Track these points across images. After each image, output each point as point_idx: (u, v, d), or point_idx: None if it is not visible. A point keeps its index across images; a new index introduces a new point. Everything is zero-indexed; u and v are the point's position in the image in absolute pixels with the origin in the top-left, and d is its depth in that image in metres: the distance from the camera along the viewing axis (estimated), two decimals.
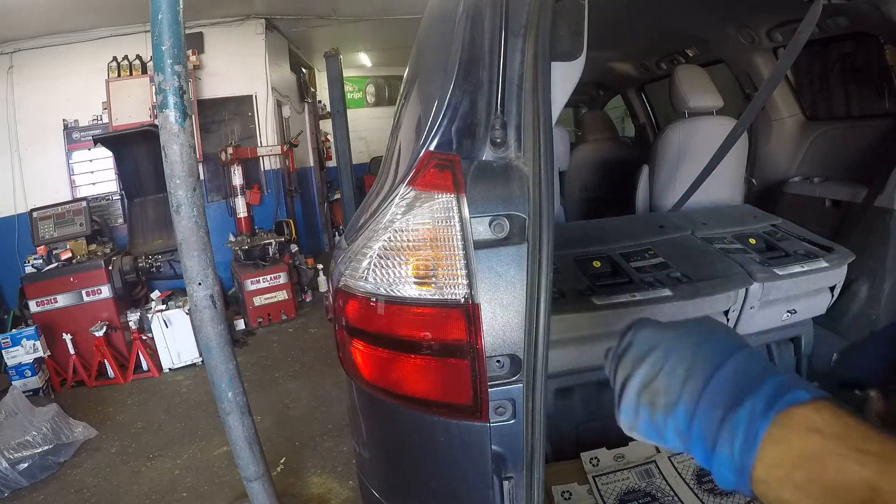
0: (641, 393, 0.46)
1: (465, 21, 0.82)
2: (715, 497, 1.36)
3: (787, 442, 0.36)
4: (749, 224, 1.84)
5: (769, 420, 0.37)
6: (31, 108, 4.97)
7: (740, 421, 0.38)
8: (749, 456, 0.37)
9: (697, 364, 0.43)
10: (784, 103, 2.28)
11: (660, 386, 0.45)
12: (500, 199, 0.76)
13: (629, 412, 0.48)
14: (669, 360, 0.45)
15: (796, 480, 0.35)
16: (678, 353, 0.45)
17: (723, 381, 0.41)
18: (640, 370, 0.47)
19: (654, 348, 0.47)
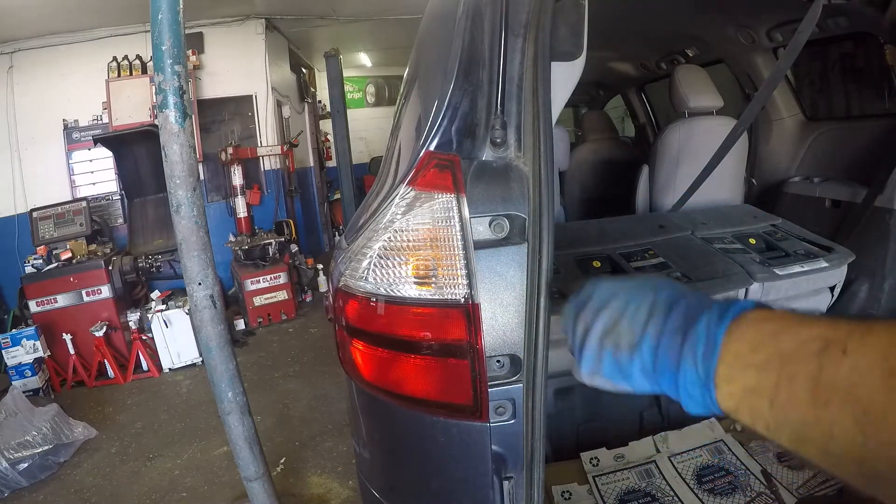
0: (604, 338, 0.50)
1: (465, 21, 0.82)
2: (715, 497, 1.36)
3: (743, 336, 0.39)
4: (749, 224, 1.84)
5: (725, 325, 0.41)
6: (31, 108, 4.97)
7: (700, 333, 0.42)
8: (711, 361, 0.40)
9: (657, 305, 0.48)
10: (784, 103, 2.28)
11: (624, 329, 0.49)
12: (500, 199, 0.76)
13: (591, 358, 0.52)
14: (631, 306, 0.49)
15: (755, 362, 0.38)
16: (638, 298, 0.49)
17: (680, 314, 0.45)
18: (602, 318, 0.51)
19: (613, 297, 0.52)
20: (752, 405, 0.38)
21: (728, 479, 1.40)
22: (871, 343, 0.32)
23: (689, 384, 0.42)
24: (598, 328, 0.51)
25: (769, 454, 1.47)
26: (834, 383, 0.33)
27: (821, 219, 1.95)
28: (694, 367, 0.42)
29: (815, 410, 0.34)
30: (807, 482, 1.36)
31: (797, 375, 0.35)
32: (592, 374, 0.53)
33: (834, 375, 0.33)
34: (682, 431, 1.55)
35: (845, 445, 0.32)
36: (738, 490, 1.36)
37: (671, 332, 0.45)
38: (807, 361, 0.35)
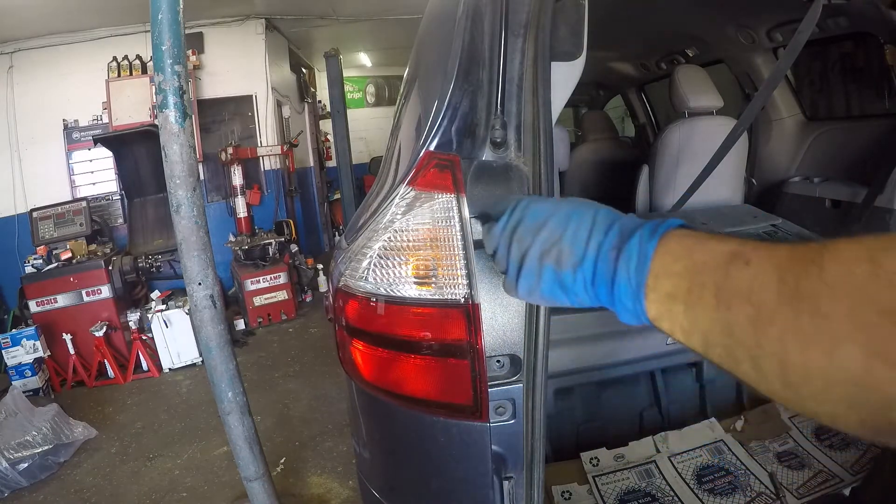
0: (544, 257, 0.53)
1: (465, 21, 0.82)
2: (715, 497, 1.36)
3: (667, 249, 0.44)
4: (749, 224, 1.84)
5: (656, 240, 0.45)
6: (31, 108, 4.97)
7: (633, 247, 0.46)
8: (642, 272, 0.45)
9: (597, 225, 0.51)
10: (784, 103, 2.28)
11: (566, 247, 0.51)
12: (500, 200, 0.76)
13: (531, 275, 0.54)
14: (571, 225, 0.52)
15: (676, 271, 0.43)
16: (578, 217, 0.52)
17: (616, 232, 0.49)
18: (541, 237, 0.54)
19: (551, 217, 0.54)
20: (670, 310, 0.43)
21: (728, 479, 1.40)
22: (770, 256, 0.37)
23: (622, 295, 0.47)
24: (537, 248, 0.54)
25: (769, 454, 1.47)
26: (735, 288, 0.38)
27: (821, 219, 1.95)
28: (627, 279, 0.46)
29: (719, 313, 0.39)
30: (807, 482, 1.36)
31: (707, 282, 0.40)
32: (531, 291, 0.56)
33: (736, 282, 0.38)
34: (682, 431, 1.55)
35: (742, 343, 0.37)
36: (738, 490, 1.36)
37: (609, 248, 0.48)
38: (715, 270, 0.40)
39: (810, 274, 0.34)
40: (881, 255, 0.31)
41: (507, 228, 0.58)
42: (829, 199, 1.98)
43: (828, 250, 0.34)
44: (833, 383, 0.32)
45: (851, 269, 0.32)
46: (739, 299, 0.37)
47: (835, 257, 0.33)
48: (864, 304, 0.31)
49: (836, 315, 0.32)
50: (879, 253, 0.32)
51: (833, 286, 0.32)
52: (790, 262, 0.35)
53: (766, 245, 0.39)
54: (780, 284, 0.35)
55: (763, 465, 1.42)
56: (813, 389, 0.33)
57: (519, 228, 0.57)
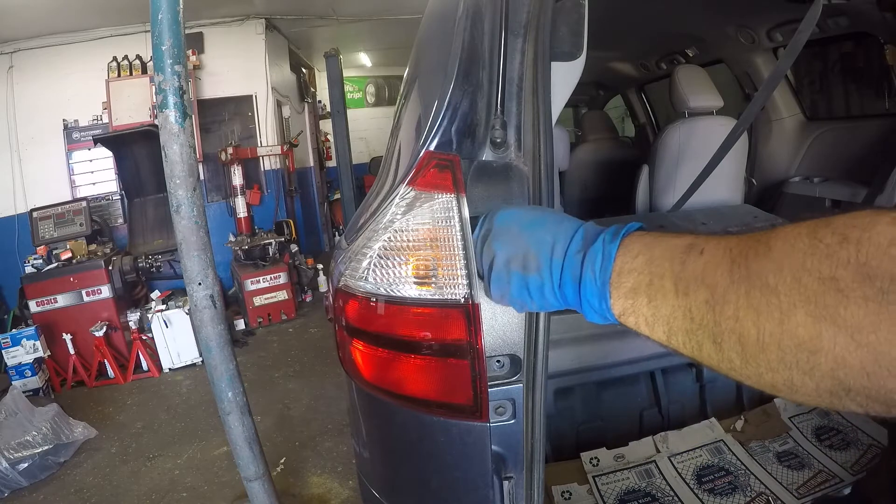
0: (510, 263, 0.56)
1: (465, 21, 0.82)
2: (715, 497, 1.36)
3: (630, 250, 0.47)
4: (749, 224, 1.84)
5: (618, 241, 0.48)
6: (31, 108, 4.97)
7: (597, 249, 0.49)
8: (607, 270, 0.47)
9: (560, 233, 0.53)
10: (784, 103, 2.29)
11: (532, 254, 0.54)
12: (500, 199, 0.76)
13: (500, 280, 0.57)
14: (535, 233, 0.55)
15: (636, 267, 0.46)
16: (541, 226, 0.55)
17: (581, 237, 0.52)
18: (506, 244, 0.57)
19: (516, 224, 0.58)
20: (633, 304, 0.46)
21: (728, 479, 1.40)
22: (723, 244, 0.41)
23: (589, 294, 0.49)
24: (503, 254, 0.57)
25: (769, 454, 1.47)
26: (692, 275, 0.41)
27: None
28: (593, 279, 0.48)
29: (678, 300, 0.42)
30: (807, 482, 1.36)
31: (665, 273, 0.43)
32: (502, 296, 0.59)
33: (692, 269, 0.41)
34: (681, 431, 1.55)
35: (702, 325, 0.40)
36: (738, 490, 1.36)
37: (575, 251, 0.51)
38: (672, 261, 0.43)
39: (758, 253, 0.37)
40: (820, 229, 0.35)
41: (479, 237, 0.63)
42: (829, 199, 1.98)
43: (774, 231, 0.38)
44: (786, 350, 0.35)
45: (794, 243, 0.35)
46: (696, 284, 0.40)
47: (779, 235, 0.37)
48: (807, 273, 0.34)
49: (783, 286, 0.35)
50: (818, 228, 0.35)
51: (779, 261, 0.36)
52: (740, 245, 0.39)
53: (721, 235, 0.42)
54: (732, 266, 0.38)
55: (763, 465, 1.42)
56: (769, 359, 0.36)
57: (489, 236, 0.60)
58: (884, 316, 0.31)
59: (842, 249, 0.33)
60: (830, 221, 0.35)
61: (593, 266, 0.49)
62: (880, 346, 0.31)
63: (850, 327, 0.32)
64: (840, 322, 0.32)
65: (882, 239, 0.32)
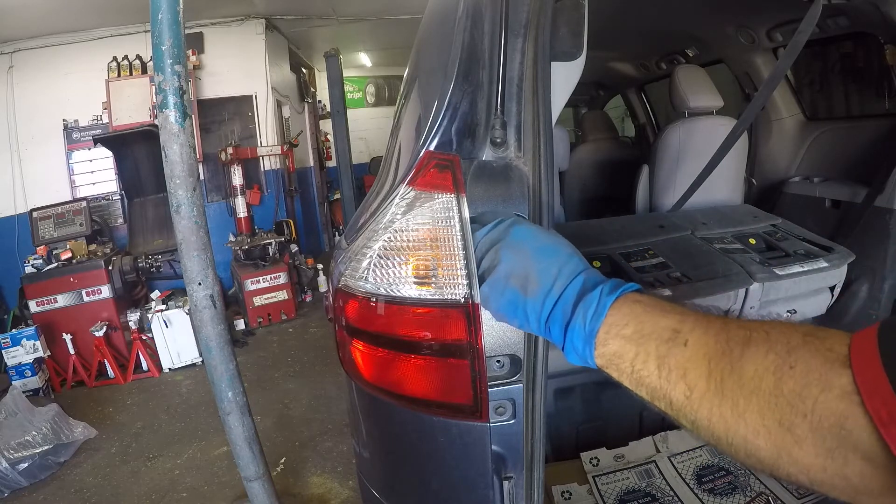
0: (511, 278, 0.58)
1: (465, 21, 0.82)
2: (715, 497, 1.36)
3: (621, 311, 0.50)
4: (749, 224, 1.84)
5: (613, 298, 0.51)
6: (31, 108, 4.97)
7: (594, 298, 0.52)
8: (597, 322, 0.51)
9: (566, 267, 0.56)
10: (784, 103, 2.28)
11: (534, 277, 0.56)
12: (500, 199, 0.76)
13: (496, 289, 0.60)
14: (544, 260, 0.57)
15: (625, 333, 0.49)
16: (552, 256, 0.57)
17: (581, 281, 0.55)
18: (513, 261, 0.59)
19: (529, 243, 0.59)
20: (618, 366, 0.50)
21: (728, 478, 1.40)
22: (703, 342, 0.45)
23: (574, 337, 0.52)
24: (505, 268, 0.59)
25: None
26: (674, 365, 0.46)
27: (821, 219, 1.95)
28: (582, 325, 0.51)
29: (660, 381, 0.47)
30: None
31: (651, 353, 0.47)
32: (487, 301, 0.63)
33: (675, 360, 0.46)
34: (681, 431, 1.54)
35: (680, 410, 0.46)
36: (738, 490, 1.36)
37: (572, 293, 0.53)
38: (658, 343, 0.47)
39: (733, 372, 0.42)
40: (785, 374, 0.39)
41: (486, 237, 0.64)
42: (829, 199, 1.98)
43: (747, 353, 0.42)
44: (753, 460, 0.42)
45: (761, 380, 0.40)
46: (676, 376, 0.45)
47: (752, 362, 0.41)
48: (770, 413, 0.40)
49: (750, 415, 0.41)
50: (784, 371, 0.39)
51: (748, 392, 0.41)
52: (717, 355, 0.44)
53: (702, 325, 0.46)
54: (709, 374, 0.43)
55: None
56: (738, 457, 0.43)
57: (499, 243, 0.62)
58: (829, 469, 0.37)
59: (801, 403, 0.38)
60: (795, 362, 0.39)
61: (585, 313, 0.51)
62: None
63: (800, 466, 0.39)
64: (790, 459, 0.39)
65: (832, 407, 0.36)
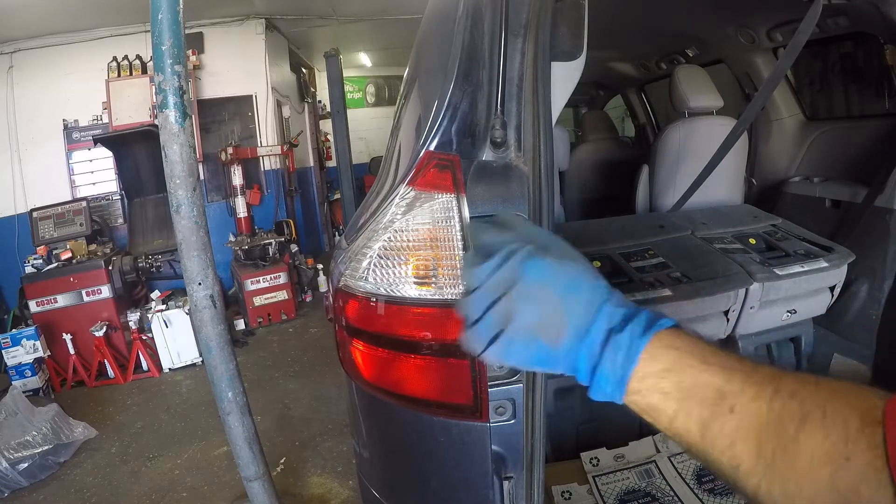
0: (539, 330, 0.48)
1: (465, 21, 0.82)
2: (715, 497, 1.36)
3: (656, 358, 0.45)
4: (749, 224, 1.84)
5: (646, 340, 0.45)
6: (31, 108, 4.97)
7: (623, 341, 0.46)
8: (628, 368, 0.45)
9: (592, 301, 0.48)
10: (784, 103, 2.28)
11: (563, 324, 0.48)
12: (500, 199, 0.76)
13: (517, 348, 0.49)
14: (572, 300, 0.48)
15: (662, 388, 0.44)
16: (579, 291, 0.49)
17: (606, 317, 0.47)
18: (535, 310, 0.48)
19: (550, 287, 0.49)
20: (654, 417, 0.45)
21: None
22: (753, 411, 0.40)
23: (603, 381, 0.47)
24: (533, 317, 0.48)
25: None
26: (719, 433, 0.41)
27: (821, 219, 1.95)
28: (612, 370, 0.46)
29: (703, 444, 0.42)
30: None
31: (692, 413, 0.43)
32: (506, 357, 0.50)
33: (720, 427, 0.41)
34: None
35: (721, 474, 0.42)
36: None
37: (598, 333, 0.47)
38: (701, 406, 0.42)
39: (786, 455, 0.38)
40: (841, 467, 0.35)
41: (494, 280, 0.49)
42: (829, 199, 1.98)
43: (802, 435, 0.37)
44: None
45: (816, 471, 0.36)
46: (722, 445, 0.41)
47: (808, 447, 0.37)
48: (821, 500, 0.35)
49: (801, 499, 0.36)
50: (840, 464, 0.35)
51: (800, 477, 0.37)
52: (769, 430, 0.39)
53: (751, 388, 0.41)
54: (759, 452, 0.39)
55: None
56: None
57: (513, 288, 0.49)
58: None
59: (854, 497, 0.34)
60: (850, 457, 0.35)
61: (615, 358, 0.45)
62: None
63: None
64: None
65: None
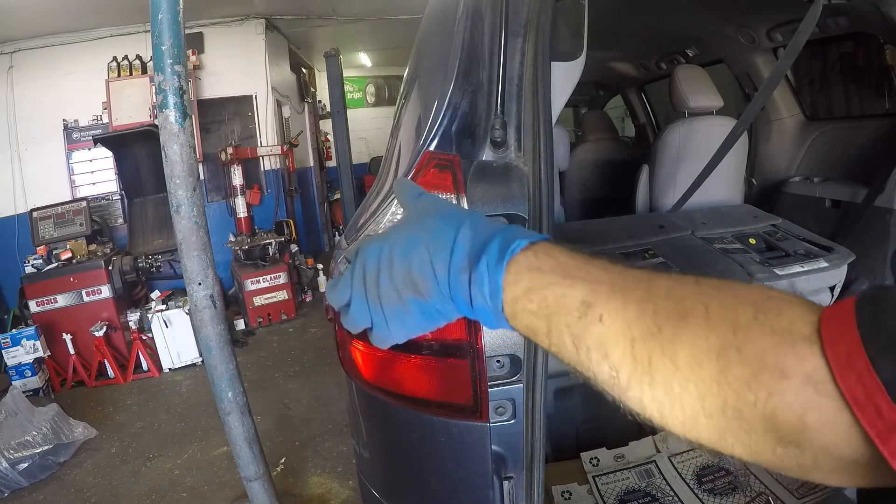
0: (402, 292, 0.48)
1: (465, 21, 0.82)
2: (715, 497, 1.36)
3: (518, 282, 0.43)
4: (749, 224, 1.84)
5: (503, 269, 0.44)
6: (31, 108, 4.97)
7: (483, 276, 0.45)
8: (497, 299, 0.44)
9: (437, 245, 0.47)
10: (784, 103, 2.28)
11: (416, 276, 0.47)
12: (500, 199, 0.76)
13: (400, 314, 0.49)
14: (412, 251, 0.48)
15: (531, 309, 0.43)
16: (414, 242, 0.48)
17: (461, 250, 0.46)
18: (387, 275, 0.48)
19: (386, 249, 0.49)
20: (534, 338, 0.45)
21: (728, 478, 1.40)
22: (622, 317, 0.39)
23: (483, 315, 0.46)
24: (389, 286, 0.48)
25: None
26: (592, 344, 0.40)
27: (821, 219, 1.95)
28: (483, 302, 0.45)
29: (578, 356, 0.41)
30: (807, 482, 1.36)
31: (563, 328, 0.42)
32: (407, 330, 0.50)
33: (592, 339, 0.40)
34: None
35: (610, 388, 0.40)
36: (738, 490, 1.36)
37: (458, 270, 0.46)
38: (569, 319, 0.41)
39: (664, 356, 0.36)
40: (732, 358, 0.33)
41: (354, 280, 0.51)
42: (829, 199, 1.98)
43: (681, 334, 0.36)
44: (692, 440, 0.37)
45: (700, 367, 0.35)
46: (598, 356, 0.40)
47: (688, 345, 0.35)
48: (711, 399, 0.34)
49: (688, 400, 0.35)
50: (730, 355, 0.34)
51: (683, 377, 0.35)
52: (642, 335, 0.37)
53: (619, 293, 0.40)
54: (634, 357, 0.38)
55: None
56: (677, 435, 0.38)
57: (366, 276, 0.50)
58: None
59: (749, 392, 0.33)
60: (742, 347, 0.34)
61: (482, 291, 0.45)
62: None
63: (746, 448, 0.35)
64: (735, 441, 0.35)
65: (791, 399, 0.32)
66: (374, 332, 0.51)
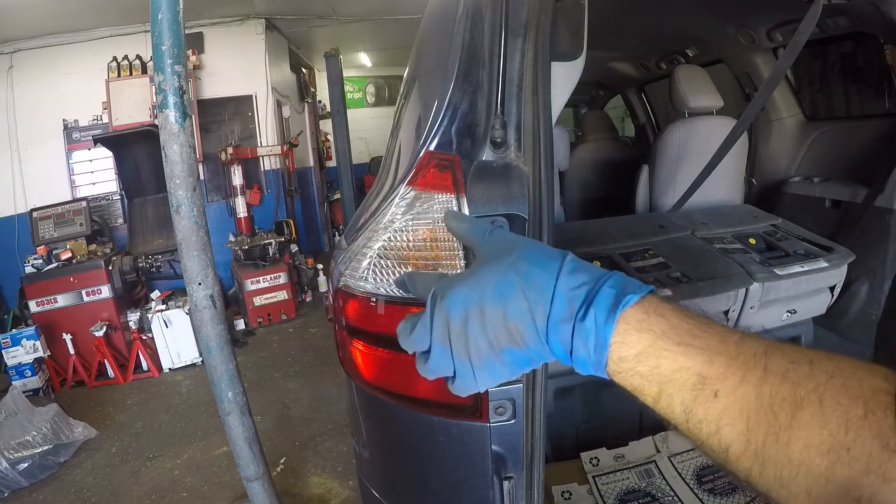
0: (495, 343, 0.46)
1: (465, 21, 0.82)
2: (715, 497, 1.36)
3: (626, 343, 0.42)
4: (749, 224, 1.84)
5: (612, 326, 0.42)
6: (31, 108, 4.97)
7: (589, 330, 0.43)
8: (602, 355, 0.43)
9: (531, 293, 0.44)
10: (784, 103, 2.28)
11: (513, 325, 0.45)
12: (500, 199, 0.76)
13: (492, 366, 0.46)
14: (506, 301, 0.45)
15: (640, 371, 0.42)
16: (508, 290, 0.45)
17: (563, 298, 0.44)
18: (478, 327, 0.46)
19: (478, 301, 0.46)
20: (639, 395, 0.43)
21: (728, 478, 1.40)
22: (740, 395, 0.38)
23: (581, 365, 0.44)
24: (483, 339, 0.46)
25: None
26: (704, 417, 0.39)
27: (821, 219, 1.95)
28: (587, 355, 0.43)
29: (688, 427, 0.40)
30: None
31: (674, 397, 0.40)
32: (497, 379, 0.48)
33: (704, 412, 0.39)
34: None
35: (712, 456, 0.40)
36: (738, 490, 1.36)
37: (558, 321, 0.43)
38: (682, 390, 0.40)
39: (778, 443, 0.36)
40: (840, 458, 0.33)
41: (434, 329, 0.48)
42: (829, 199, 1.98)
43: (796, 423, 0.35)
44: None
45: (812, 461, 0.34)
46: (708, 430, 0.39)
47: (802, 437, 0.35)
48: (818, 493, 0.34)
49: (795, 487, 0.35)
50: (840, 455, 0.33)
51: (794, 467, 0.35)
52: (758, 416, 0.37)
53: (735, 372, 0.38)
54: (748, 438, 0.37)
55: None
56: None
57: (450, 325, 0.47)
58: None
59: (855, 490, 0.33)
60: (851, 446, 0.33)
61: (586, 344, 0.43)
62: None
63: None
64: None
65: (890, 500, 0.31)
66: (457, 382, 0.49)
